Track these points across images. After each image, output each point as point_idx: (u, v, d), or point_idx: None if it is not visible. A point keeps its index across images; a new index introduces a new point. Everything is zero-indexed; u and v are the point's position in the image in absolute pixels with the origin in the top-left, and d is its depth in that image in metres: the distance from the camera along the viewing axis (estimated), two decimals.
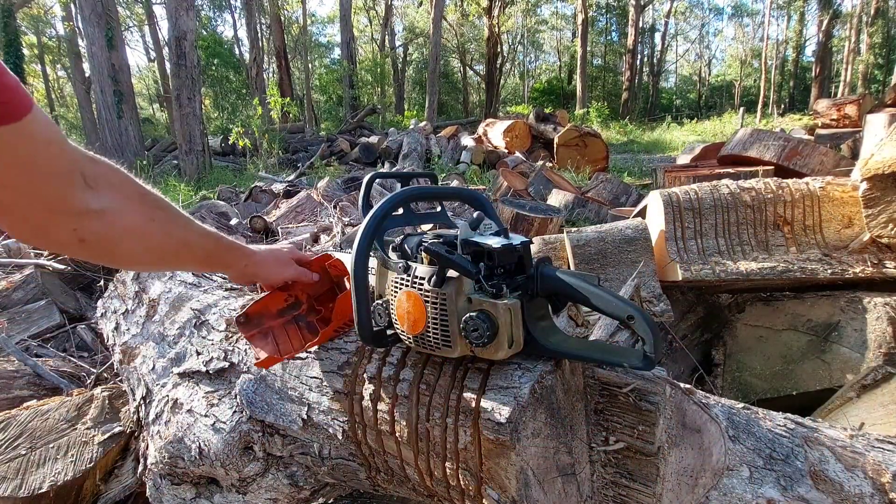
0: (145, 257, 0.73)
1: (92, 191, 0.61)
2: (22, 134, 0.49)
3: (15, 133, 0.49)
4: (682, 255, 1.67)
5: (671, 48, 38.72)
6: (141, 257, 0.72)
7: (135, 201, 0.68)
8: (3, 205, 0.53)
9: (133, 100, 10.17)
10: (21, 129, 0.49)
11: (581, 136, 7.51)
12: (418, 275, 0.67)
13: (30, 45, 22.29)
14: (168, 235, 0.72)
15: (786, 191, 1.69)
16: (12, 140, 0.49)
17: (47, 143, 0.53)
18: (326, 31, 35.55)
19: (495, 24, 24.01)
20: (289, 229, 3.74)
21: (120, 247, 0.66)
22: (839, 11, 23.84)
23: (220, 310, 1.22)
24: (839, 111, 8.18)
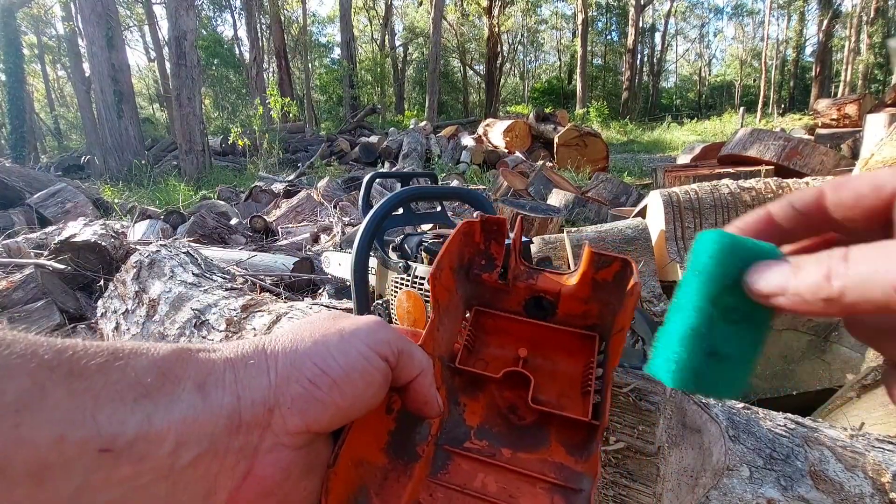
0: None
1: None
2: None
3: None
4: (683, 254, 1.67)
5: (671, 48, 38.75)
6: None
7: None
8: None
9: (133, 100, 10.17)
10: None
11: (581, 136, 7.51)
12: (418, 274, 0.67)
13: (30, 45, 22.31)
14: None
15: (786, 191, 1.69)
16: None
17: None
18: (326, 31, 35.56)
19: (495, 23, 24.01)
20: (289, 229, 3.74)
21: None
22: (839, 11, 23.84)
23: (220, 310, 1.22)
24: (839, 111, 8.18)
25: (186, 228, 3.45)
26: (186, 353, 0.30)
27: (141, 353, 0.28)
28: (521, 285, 0.47)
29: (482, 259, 0.48)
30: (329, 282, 2.20)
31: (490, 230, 0.47)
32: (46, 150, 19.20)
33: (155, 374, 0.28)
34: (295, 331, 0.34)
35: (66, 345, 0.27)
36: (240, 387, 0.30)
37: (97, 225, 2.67)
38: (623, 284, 0.43)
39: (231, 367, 0.31)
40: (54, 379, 0.24)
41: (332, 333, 0.33)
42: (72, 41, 14.14)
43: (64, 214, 4.32)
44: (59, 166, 11.27)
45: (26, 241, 2.97)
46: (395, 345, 0.34)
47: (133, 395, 0.26)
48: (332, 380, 0.31)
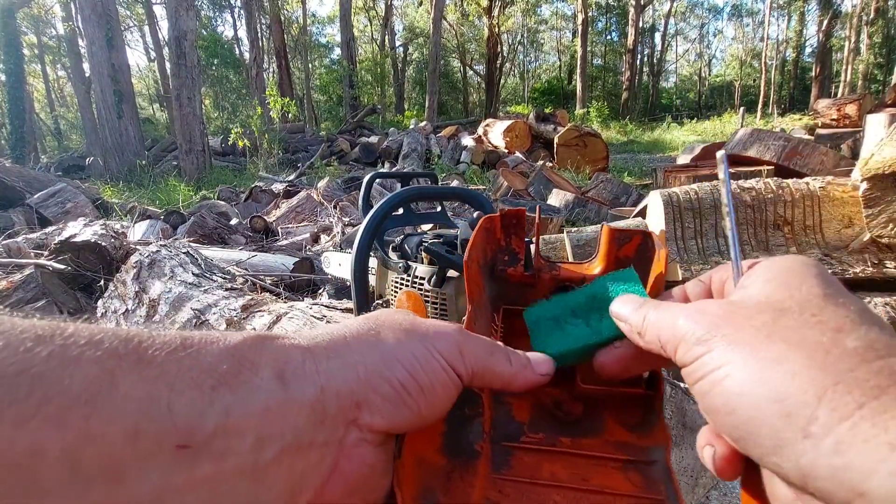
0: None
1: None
2: None
3: None
4: (683, 254, 1.67)
5: (671, 48, 38.76)
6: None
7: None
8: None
9: (133, 100, 10.17)
10: None
11: (581, 136, 7.51)
12: (419, 274, 0.67)
13: (30, 45, 22.31)
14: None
15: (786, 191, 1.69)
16: None
17: None
18: (326, 31, 35.57)
19: (495, 24, 24.02)
20: (289, 229, 3.74)
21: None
22: (839, 11, 23.84)
23: (220, 310, 1.22)
24: (839, 111, 8.18)
25: (186, 228, 3.45)
26: (260, 340, 0.28)
27: (212, 341, 0.27)
28: (545, 276, 0.47)
29: (505, 255, 0.47)
30: (329, 282, 2.20)
31: (509, 224, 0.47)
32: (46, 150, 19.20)
33: (230, 360, 0.26)
34: (375, 326, 0.33)
35: (131, 333, 0.25)
36: (322, 378, 0.28)
37: (97, 225, 2.67)
38: (647, 257, 0.43)
39: (311, 356, 0.29)
40: (124, 366, 0.23)
41: (414, 339, 0.33)
42: (72, 41, 14.15)
43: (64, 214, 4.32)
44: (59, 166, 11.28)
45: (26, 241, 2.97)
46: (471, 364, 0.33)
47: (210, 383, 0.24)
48: (419, 387, 0.30)
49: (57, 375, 0.21)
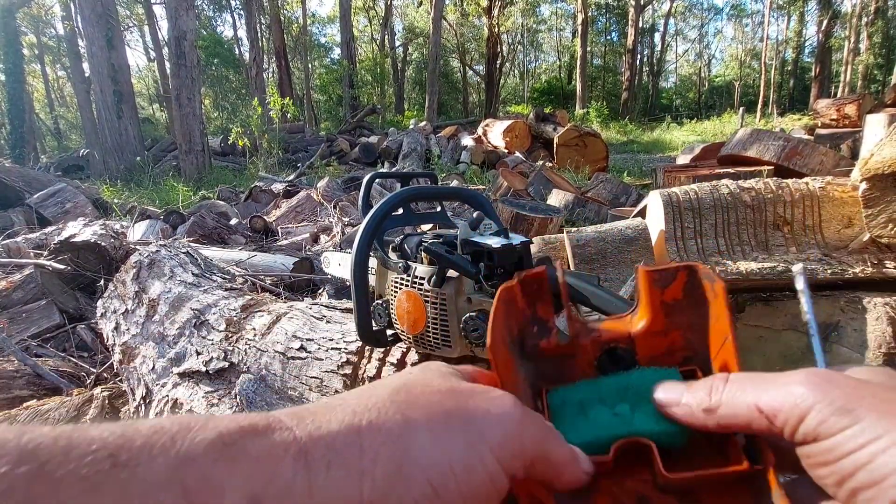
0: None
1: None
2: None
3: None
4: (682, 255, 1.67)
5: (671, 48, 38.76)
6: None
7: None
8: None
9: (133, 100, 10.17)
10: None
11: (581, 136, 7.51)
12: (418, 275, 0.67)
13: (30, 45, 22.31)
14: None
15: (786, 191, 1.69)
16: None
17: None
18: (326, 31, 35.56)
19: (495, 23, 24.02)
20: (289, 229, 3.74)
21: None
22: (839, 11, 23.85)
23: (219, 310, 1.22)
24: (839, 111, 8.18)
25: (186, 228, 3.45)
26: (232, 444, 0.20)
27: (157, 451, 0.19)
28: (585, 342, 0.39)
29: (533, 326, 0.40)
30: (329, 282, 2.20)
31: (531, 290, 0.41)
32: (46, 150, 19.21)
33: (175, 490, 0.18)
34: (404, 399, 0.25)
35: (29, 445, 0.17)
36: (318, 498, 0.21)
37: (97, 225, 2.67)
38: (699, 295, 0.36)
39: (304, 466, 0.21)
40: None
41: (456, 426, 0.25)
42: (72, 41, 14.14)
43: (64, 214, 4.32)
44: (59, 166, 11.27)
45: (26, 241, 2.97)
46: (529, 454, 0.26)
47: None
48: (449, 498, 0.23)
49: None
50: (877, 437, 0.22)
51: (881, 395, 0.24)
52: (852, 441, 0.23)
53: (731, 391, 0.28)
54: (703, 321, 0.36)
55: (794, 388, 0.26)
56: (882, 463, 0.22)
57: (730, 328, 0.33)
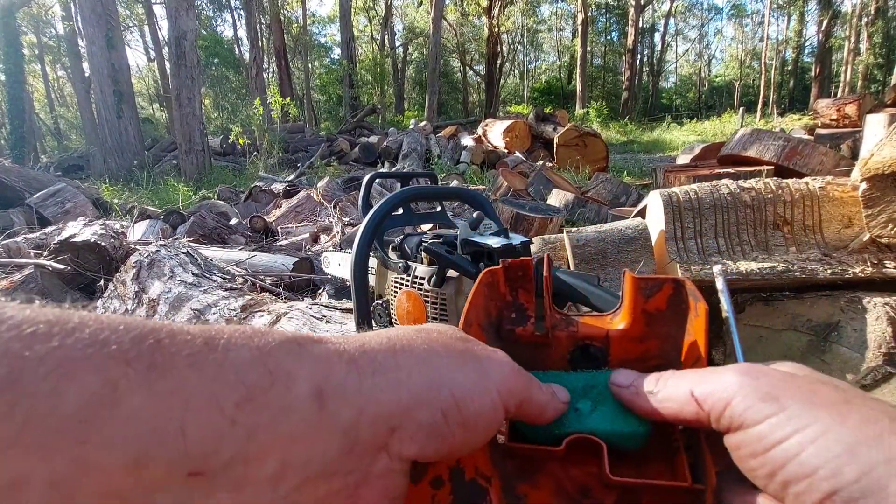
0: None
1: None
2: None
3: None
4: (682, 255, 1.67)
5: (671, 48, 38.77)
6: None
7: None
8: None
9: (133, 100, 10.17)
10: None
11: (581, 136, 7.51)
12: (418, 275, 0.67)
13: (30, 45, 22.31)
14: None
15: (786, 191, 1.69)
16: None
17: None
18: (326, 31, 35.57)
19: (495, 23, 24.02)
20: (289, 229, 3.74)
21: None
22: (839, 11, 23.85)
23: (220, 310, 1.22)
24: (839, 111, 8.18)
25: (186, 228, 3.45)
26: (300, 344, 0.25)
27: (241, 342, 0.23)
28: (561, 335, 0.40)
29: (511, 312, 0.41)
30: (329, 282, 2.20)
31: (515, 276, 0.41)
32: (46, 150, 19.21)
33: (261, 369, 0.22)
34: (427, 339, 0.30)
35: (146, 328, 0.21)
36: (363, 398, 0.25)
37: (97, 225, 2.68)
38: (682, 310, 0.37)
39: (356, 370, 0.25)
40: (131, 377, 0.19)
41: (469, 362, 0.29)
42: (72, 41, 14.15)
43: (64, 214, 4.32)
44: (59, 166, 11.28)
45: (26, 241, 2.97)
46: (519, 394, 0.31)
47: (234, 399, 0.21)
48: (462, 419, 0.27)
49: (48, 388, 0.17)
50: (804, 427, 0.23)
51: (806, 386, 0.25)
52: (779, 430, 0.23)
53: (674, 379, 0.30)
54: (680, 336, 0.37)
55: (724, 376, 0.27)
56: (812, 454, 0.22)
57: (703, 350, 0.34)
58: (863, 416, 0.22)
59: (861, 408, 0.23)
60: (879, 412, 0.23)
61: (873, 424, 0.22)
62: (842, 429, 0.22)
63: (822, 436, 0.22)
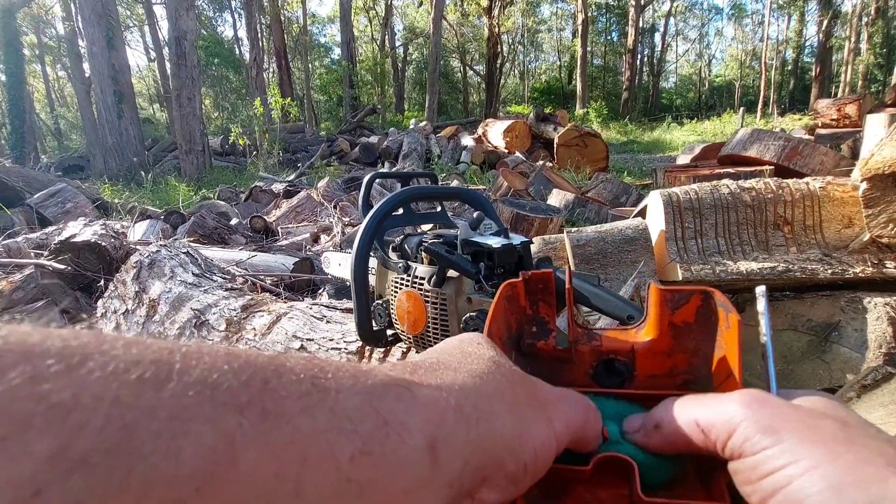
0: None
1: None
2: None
3: None
4: (682, 255, 1.67)
5: (671, 48, 38.76)
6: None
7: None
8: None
9: (133, 100, 10.17)
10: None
11: (581, 136, 7.51)
12: (418, 275, 0.67)
13: (30, 45, 22.30)
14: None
15: (786, 191, 1.69)
16: None
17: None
18: (326, 31, 35.57)
19: (495, 24, 24.02)
20: (289, 229, 3.74)
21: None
22: (839, 11, 23.84)
23: (220, 310, 1.22)
24: (839, 111, 8.18)
25: (186, 228, 3.45)
26: (405, 388, 0.23)
27: (348, 384, 0.21)
28: (584, 349, 0.39)
29: (532, 325, 0.40)
30: (329, 282, 2.21)
31: (535, 289, 0.40)
32: (46, 150, 19.20)
33: (374, 418, 0.20)
34: (508, 382, 0.29)
35: (254, 366, 0.19)
36: (469, 449, 0.24)
37: (97, 225, 2.68)
38: (711, 322, 0.35)
39: (462, 420, 0.24)
40: (246, 428, 0.17)
41: (541, 412, 0.29)
42: (72, 41, 14.15)
43: (64, 214, 4.32)
44: (59, 166, 11.28)
45: (26, 241, 2.97)
46: (572, 434, 0.30)
47: (349, 452, 0.19)
48: (536, 470, 0.27)
49: (164, 448, 0.15)
50: (795, 461, 0.23)
51: (807, 420, 0.25)
52: (772, 462, 0.24)
53: (678, 409, 0.30)
54: (710, 349, 0.35)
55: (728, 406, 0.27)
56: (798, 487, 0.22)
57: (737, 366, 0.32)
58: (857, 457, 0.22)
59: (860, 448, 0.23)
60: (876, 454, 0.22)
61: (865, 466, 0.22)
62: (831, 466, 0.22)
63: (811, 471, 0.22)
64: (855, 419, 0.26)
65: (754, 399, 0.27)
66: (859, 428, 0.25)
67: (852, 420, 0.26)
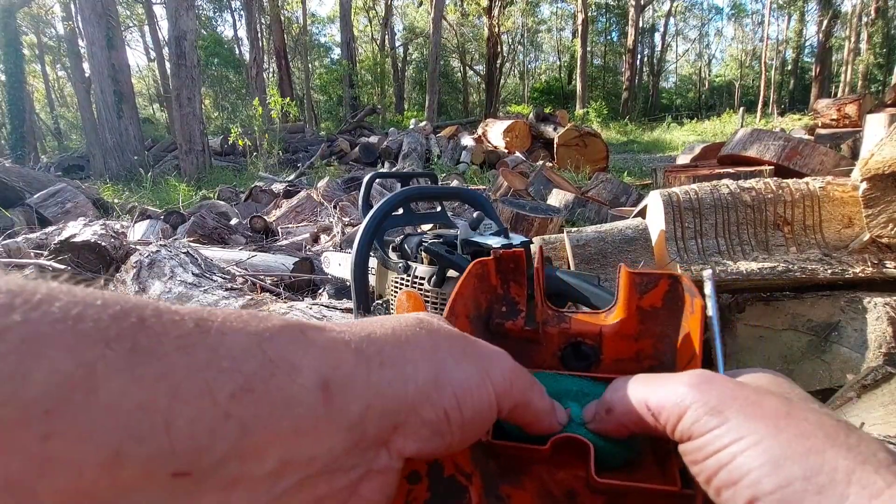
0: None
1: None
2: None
3: None
4: (682, 255, 1.67)
5: (671, 48, 38.76)
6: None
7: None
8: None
9: (133, 100, 10.17)
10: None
11: (581, 136, 7.51)
12: (418, 275, 0.67)
13: (30, 45, 22.32)
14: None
15: (786, 191, 1.69)
16: None
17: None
18: (326, 31, 35.59)
19: (495, 23, 24.02)
20: (289, 229, 3.74)
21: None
22: (839, 11, 23.85)
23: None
24: (839, 111, 8.18)
25: (186, 228, 3.45)
26: (301, 332, 0.23)
27: (237, 326, 0.20)
28: (552, 331, 0.39)
29: (502, 305, 0.40)
30: (329, 282, 2.21)
31: (506, 269, 0.39)
32: (46, 150, 19.21)
33: (260, 358, 0.20)
34: (429, 332, 0.28)
35: (128, 304, 0.18)
36: (371, 391, 0.23)
37: (97, 225, 2.68)
38: (678, 307, 0.35)
39: (364, 361, 0.24)
40: (110, 359, 0.16)
41: (471, 358, 0.28)
42: (72, 41, 14.14)
43: (64, 214, 4.32)
44: (60, 166, 11.28)
45: (26, 241, 2.97)
46: (515, 397, 0.29)
47: (229, 389, 0.18)
48: (462, 419, 0.26)
49: (8, 370, 0.15)
50: (739, 438, 0.24)
51: (752, 398, 0.25)
52: (718, 441, 0.24)
53: (628, 390, 0.29)
54: (676, 335, 0.35)
55: (677, 388, 0.27)
56: (740, 463, 0.23)
57: (698, 348, 0.32)
58: (798, 431, 0.23)
59: (800, 422, 0.23)
60: (817, 427, 0.23)
61: (805, 440, 0.22)
62: (772, 441, 0.23)
63: (753, 447, 0.23)
64: (798, 394, 0.27)
65: (703, 380, 0.27)
66: (801, 402, 0.25)
67: (795, 395, 0.27)
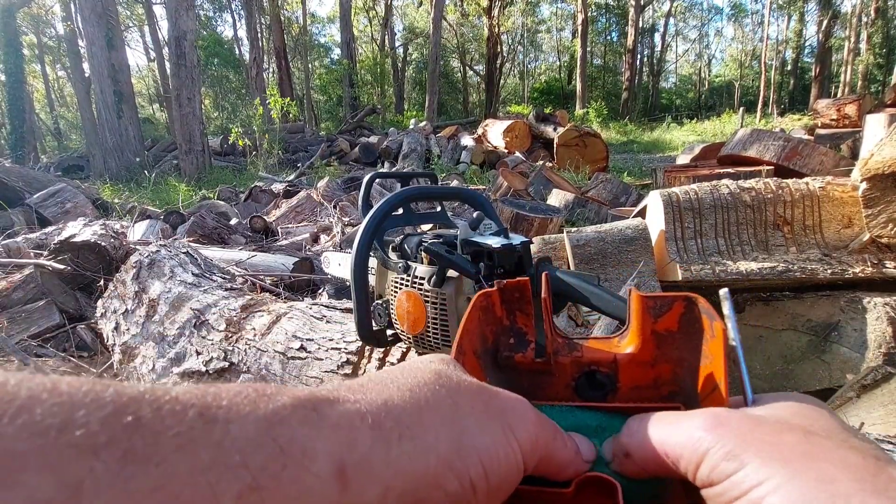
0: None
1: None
2: None
3: None
4: (682, 255, 1.67)
5: (671, 48, 38.76)
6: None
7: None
8: None
9: (133, 100, 10.17)
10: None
11: (581, 136, 7.51)
12: (418, 275, 0.67)
13: (30, 45, 22.31)
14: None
15: (786, 191, 1.69)
16: None
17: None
18: (326, 31, 35.58)
19: (495, 24, 24.02)
20: (289, 229, 3.74)
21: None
22: (839, 11, 23.85)
23: (219, 310, 1.22)
24: (839, 111, 8.18)
25: (186, 228, 3.45)
26: (314, 410, 0.21)
27: (245, 410, 0.19)
28: (564, 361, 0.37)
29: (509, 337, 0.38)
30: (329, 282, 2.21)
31: (511, 298, 0.38)
32: (46, 150, 19.20)
33: (270, 448, 0.18)
34: (448, 391, 0.27)
35: (123, 398, 0.17)
36: (391, 472, 0.22)
37: (97, 225, 2.68)
38: (695, 330, 0.33)
39: (381, 438, 0.22)
40: (99, 473, 0.15)
41: (494, 419, 0.27)
42: (72, 41, 14.13)
43: (64, 214, 4.32)
44: (59, 166, 11.27)
45: (26, 241, 2.97)
46: (540, 452, 0.28)
47: (235, 490, 0.17)
48: (489, 487, 0.25)
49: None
50: (759, 483, 0.23)
51: (769, 438, 0.24)
52: (738, 487, 0.23)
53: (643, 435, 0.28)
54: (695, 359, 0.33)
55: (693, 433, 0.26)
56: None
57: (723, 378, 0.30)
58: (819, 475, 0.22)
59: (822, 463, 0.22)
60: (842, 469, 0.22)
61: (827, 485, 0.22)
62: (792, 486, 0.22)
63: (772, 493, 0.22)
64: (822, 425, 0.26)
65: (717, 423, 0.26)
66: (824, 437, 0.24)
67: (818, 426, 0.26)
